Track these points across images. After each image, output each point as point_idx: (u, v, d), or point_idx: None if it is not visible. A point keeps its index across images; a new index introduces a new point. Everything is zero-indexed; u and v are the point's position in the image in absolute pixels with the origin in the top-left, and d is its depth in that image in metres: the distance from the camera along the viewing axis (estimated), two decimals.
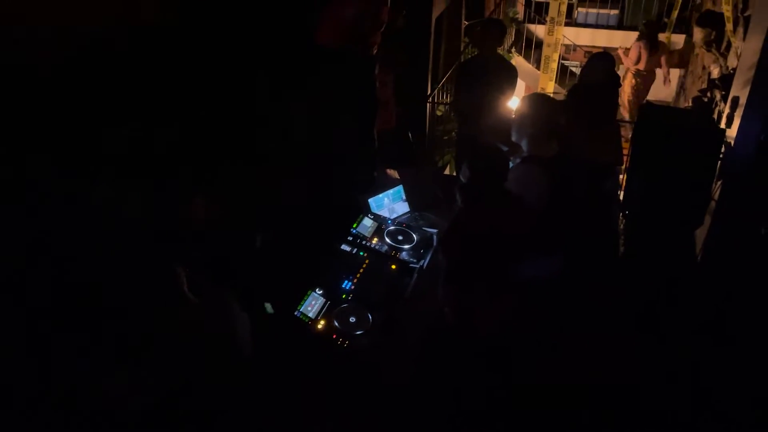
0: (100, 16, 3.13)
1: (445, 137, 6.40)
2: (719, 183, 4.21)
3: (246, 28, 4.05)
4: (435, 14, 6.29)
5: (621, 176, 4.67)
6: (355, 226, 3.95)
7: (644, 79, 7.14)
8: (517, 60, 8.81)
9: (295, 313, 3.27)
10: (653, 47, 7.07)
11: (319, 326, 3.24)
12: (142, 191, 3.19)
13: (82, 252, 2.81)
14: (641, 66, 7.03)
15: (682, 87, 8.30)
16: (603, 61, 4.50)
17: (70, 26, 2.94)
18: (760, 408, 3.25)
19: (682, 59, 7.81)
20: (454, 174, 6.03)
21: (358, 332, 3.20)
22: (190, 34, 3.75)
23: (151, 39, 3.52)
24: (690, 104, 6.08)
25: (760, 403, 3.27)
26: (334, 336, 3.18)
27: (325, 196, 4.06)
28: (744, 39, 4.71)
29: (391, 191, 4.23)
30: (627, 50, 7.21)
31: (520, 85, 8.56)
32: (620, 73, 6.55)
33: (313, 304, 3.32)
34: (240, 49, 3.98)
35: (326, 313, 3.32)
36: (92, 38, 3.08)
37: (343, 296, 3.41)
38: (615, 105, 4.52)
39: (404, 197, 4.27)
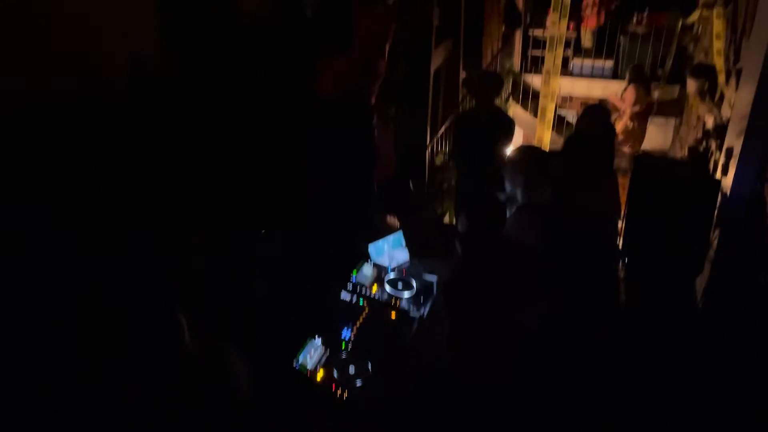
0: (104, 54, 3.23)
1: (444, 185, 6.47)
2: (717, 231, 4.24)
3: (247, 76, 4.16)
4: (434, 65, 6.43)
5: (620, 222, 4.70)
6: (354, 272, 3.96)
7: (640, 122, 7.30)
8: (515, 109, 8.96)
9: (294, 365, 3.25)
10: (647, 89, 7.29)
11: (318, 376, 3.21)
12: (144, 235, 3.22)
13: (84, 288, 2.84)
14: (638, 108, 7.20)
15: (677, 135, 8.42)
16: (598, 112, 4.58)
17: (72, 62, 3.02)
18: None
19: (676, 108, 7.98)
20: (454, 222, 6.06)
21: (358, 382, 3.18)
22: (195, 78, 3.86)
23: (156, 81, 3.61)
24: (686, 153, 6.17)
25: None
26: (334, 386, 3.15)
27: (325, 243, 4.09)
28: (736, 90, 4.82)
29: (391, 237, 4.24)
30: (621, 96, 7.39)
31: (518, 134, 8.68)
32: (614, 117, 6.69)
33: (312, 353, 3.31)
34: (241, 96, 4.08)
35: (325, 362, 3.30)
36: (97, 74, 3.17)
37: (343, 345, 3.40)
38: (611, 154, 4.58)
39: (404, 244, 4.29)
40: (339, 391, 3.13)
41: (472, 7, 7.66)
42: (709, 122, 5.63)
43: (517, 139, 8.70)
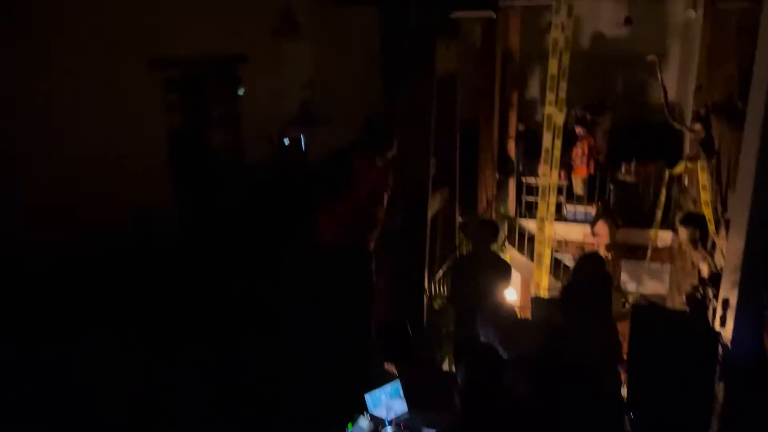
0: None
1: (443, 330, 6.41)
2: (721, 382, 4.14)
3: (252, 225, 4.30)
4: (431, 212, 6.64)
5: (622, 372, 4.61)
6: (350, 426, 3.81)
7: (617, 252, 7.60)
8: (511, 253, 9.09)
9: None
10: (616, 223, 7.76)
11: None
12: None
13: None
14: (610, 241, 7.55)
15: (673, 281, 8.48)
16: (592, 259, 4.66)
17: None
18: None
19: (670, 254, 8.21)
20: (453, 369, 5.93)
21: None
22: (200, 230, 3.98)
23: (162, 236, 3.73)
24: (683, 300, 6.18)
25: None
26: None
27: (320, 392, 3.98)
28: (727, 241, 4.92)
29: (388, 387, 4.13)
30: (592, 230, 7.79)
31: (516, 277, 8.74)
32: None
33: None
34: (245, 243, 4.19)
35: None
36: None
37: None
38: (609, 301, 4.60)
39: (402, 394, 4.17)
40: None
41: (466, 156, 8.06)
42: (704, 270, 5.71)
43: (516, 283, 8.75)
